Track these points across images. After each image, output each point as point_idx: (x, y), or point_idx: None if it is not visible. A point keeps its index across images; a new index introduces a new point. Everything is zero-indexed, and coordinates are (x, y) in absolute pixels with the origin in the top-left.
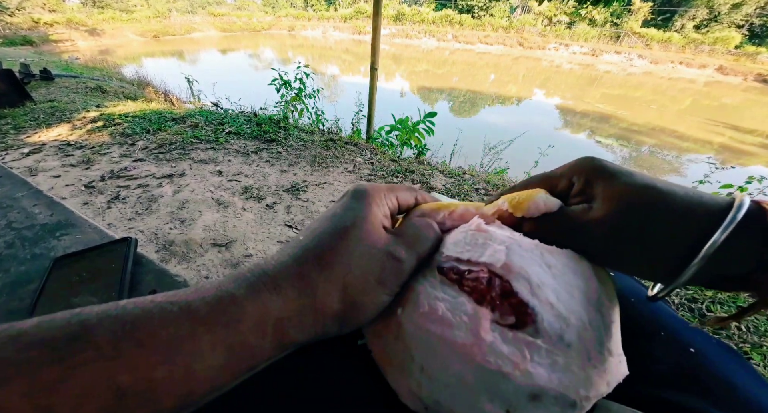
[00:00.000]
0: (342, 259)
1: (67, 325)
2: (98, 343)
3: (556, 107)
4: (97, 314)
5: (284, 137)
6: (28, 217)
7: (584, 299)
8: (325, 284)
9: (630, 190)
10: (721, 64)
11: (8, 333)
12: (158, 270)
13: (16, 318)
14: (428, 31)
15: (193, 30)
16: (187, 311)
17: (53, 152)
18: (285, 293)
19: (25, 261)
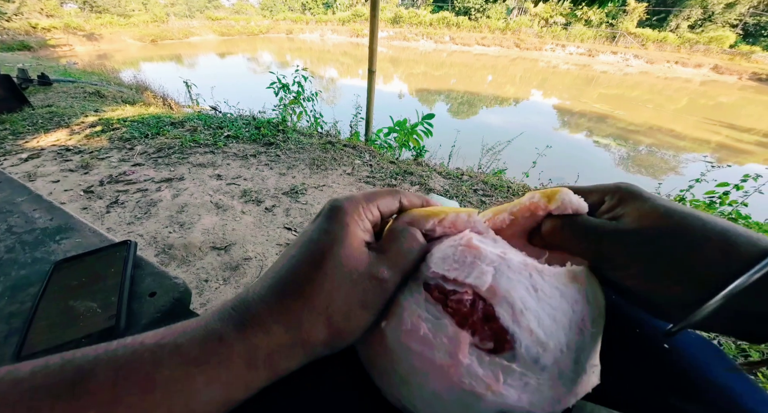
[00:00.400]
0: (322, 289)
1: (62, 371)
2: (96, 390)
3: (553, 108)
4: (89, 361)
5: (283, 140)
6: (28, 221)
7: (567, 323)
8: (309, 317)
9: (663, 212)
10: (716, 64)
11: (8, 379)
12: (158, 273)
13: (16, 321)
14: (426, 33)
15: (191, 34)
16: (177, 353)
17: (52, 157)
18: (272, 331)
19: (25, 265)
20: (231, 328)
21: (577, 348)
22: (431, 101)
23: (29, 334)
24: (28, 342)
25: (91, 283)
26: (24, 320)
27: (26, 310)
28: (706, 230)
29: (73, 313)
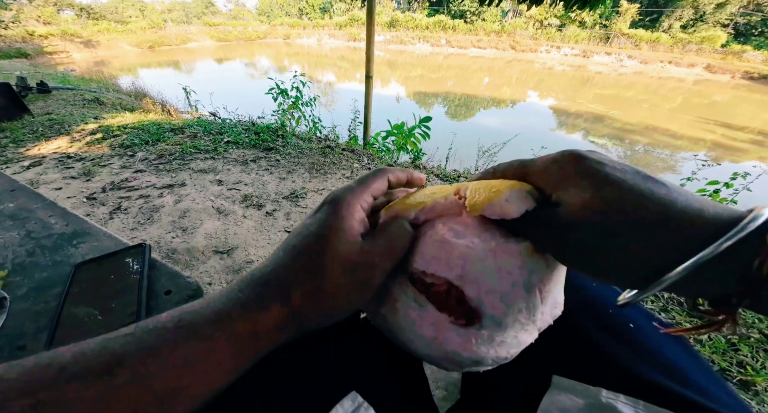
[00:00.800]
0: (316, 272)
1: (98, 357)
2: (131, 367)
3: (549, 109)
4: (121, 344)
5: (282, 145)
6: (45, 227)
7: (522, 289)
8: (304, 297)
9: (610, 196)
10: (709, 63)
11: (53, 366)
12: (171, 273)
13: (42, 319)
14: (422, 36)
15: (188, 40)
16: (195, 332)
17: (53, 165)
18: (271, 308)
19: (46, 268)
20: (238, 307)
21: (530, 305)
22: (428, 104)
23: (57, 331)
24: (57, 338)
25: (111, 283)
26: (50, 318)
27: (51, 309)
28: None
29: (95, 311)
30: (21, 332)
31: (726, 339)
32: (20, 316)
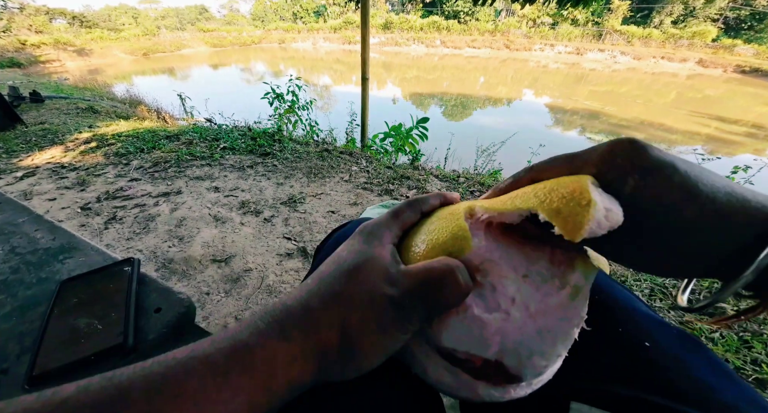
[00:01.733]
0: (343, 301)
1: (103, 389)
2: (135, 401)
3: (545, 106)
4: (128, 376)
5: (279, 150)
6: (31, 242)
7: (566, 339)
8: (328, 321)
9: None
10: (701, 58)
11: (56, 399)
12: (162, 289)
13: (27, 340)
14: (417, 37)
15: (183, 46)
16: (206, 363)
17: (47, 175)
18: (292, 337)
19: (31, 285)
20: (255, 337)
21: (572, 340)
22: (425, 105)
23: (40, 353)
24: (39, 361)
25: (98, 301)
26: (34, 339)
27: (35, 329)
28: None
29: (81, 331)
30: (4, 354)
31: (738, 337)
32: (3, 337)
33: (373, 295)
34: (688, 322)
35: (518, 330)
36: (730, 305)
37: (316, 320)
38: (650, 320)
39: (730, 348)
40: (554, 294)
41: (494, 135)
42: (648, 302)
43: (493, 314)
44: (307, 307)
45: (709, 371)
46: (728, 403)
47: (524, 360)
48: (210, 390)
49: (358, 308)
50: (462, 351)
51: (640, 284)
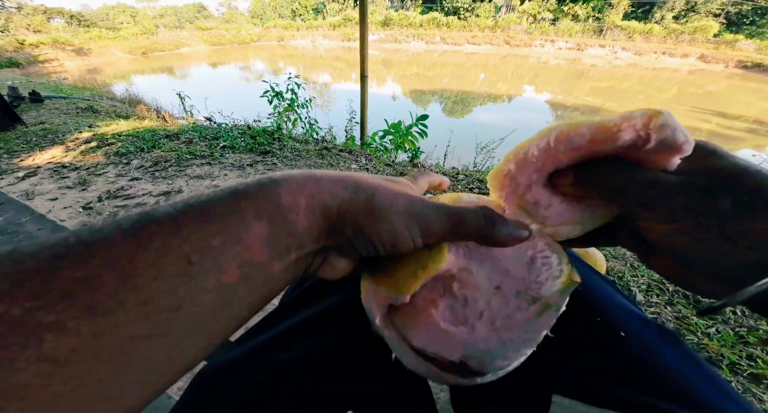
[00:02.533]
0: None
1: (130, 215)
2: (159, 221)
3: (546, 103)
4: (154, 205)
5: (279, 148)
6: None
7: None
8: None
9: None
10: (702, 53)
11: (81, 227)
12: None
13: None
14: (416, 34)
15: (181, 45)
16: (231, 190)
17: (48, 175)
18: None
19: None
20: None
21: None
22: (425, 102)
23: None
24: None
25: None
26: None
27: None
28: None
29: None
30: None
31: (734, 332)
32: None
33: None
34: (685, 317)
35: (482, 341)
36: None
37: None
38: (627, 312)
39: (726, 343)
40: (523, 310)
41: (494, 132)
42: (645, 297)
43: (459, 327)
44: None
45: (684, 364)
46: (704, 397)
47: (487, 364)
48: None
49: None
50: (431, 351)
51: (637, 280)
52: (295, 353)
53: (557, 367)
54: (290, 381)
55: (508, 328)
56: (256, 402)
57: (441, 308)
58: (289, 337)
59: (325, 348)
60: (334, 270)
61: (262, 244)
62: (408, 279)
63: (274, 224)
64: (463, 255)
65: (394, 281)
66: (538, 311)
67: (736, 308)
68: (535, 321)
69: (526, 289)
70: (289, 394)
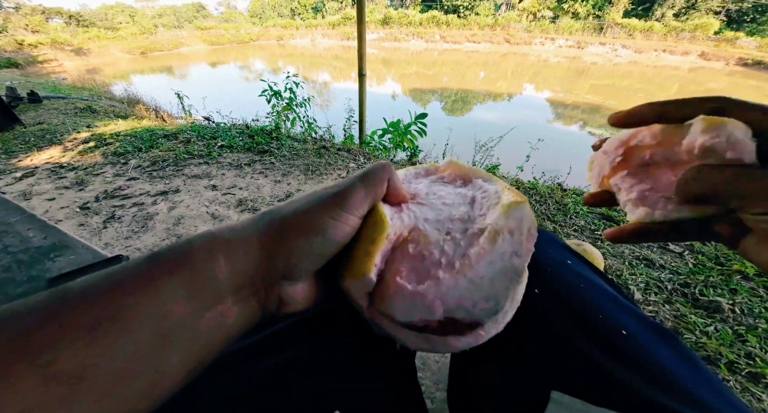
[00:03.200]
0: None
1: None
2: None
3: (546, 101)
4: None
5: (277, 148)
6: (23, 241)
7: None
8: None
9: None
10: (703, 50)
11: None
12: None
13: None
14: (416, 33)
15: (181, 45)
16: (147, 255)
17: (46, 175)
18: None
19: (22, 283)
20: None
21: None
22: (424, 100)
23: None
24: None
25: None
26: None
27: None
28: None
29: None
30: None
31: (733, 330)
32: None
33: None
34: (683, 316)
35: (452, 288)
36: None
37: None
38: (627, 311)
39: (725, 341)
40: (475, 244)
41: (493, 130)
42: (643, 296)
43: (426, 283)
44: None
45: (681, 364)
46: (699, 397)
47: (472, 309)
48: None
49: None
50: (417, 320)
51: (636, 278)
52: (280, 358)
53: (556, 363)
54: (275, 386)
55: (469, 266)
56: (238, 410)
57: (405, 272)
58: (273, 342)
59: (313, 352)
60: (296, 300)
61: (179, 299)
62: (364, 259)
63: (192, 277)
64: (407, 218)
65: (354, 268)
66: (489, 239)
67: (734, 307)
68: (493, 250)
69: (473, 224)
70: (274, 399)
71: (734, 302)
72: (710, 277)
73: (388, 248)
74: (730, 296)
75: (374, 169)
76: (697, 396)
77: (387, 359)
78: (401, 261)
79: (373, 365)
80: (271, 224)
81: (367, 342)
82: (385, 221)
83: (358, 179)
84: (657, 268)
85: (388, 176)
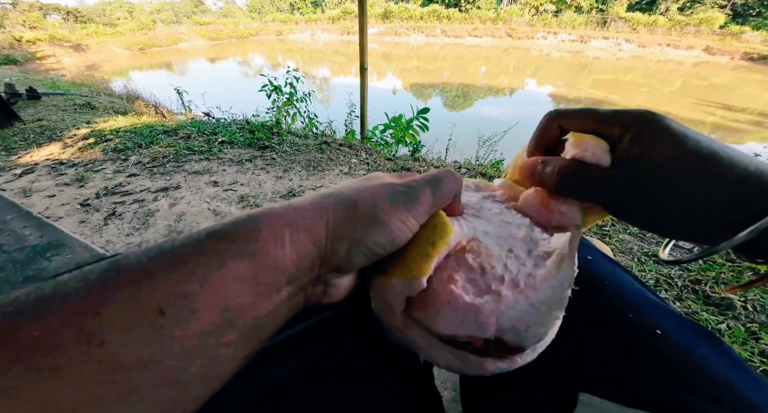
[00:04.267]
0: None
1: (99, 265)
2: (129, 270)
3: (548, 96)
4: (125, 253)
5: (278, 143)
6: (18, 239)
7: (562, 305)
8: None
9: (689, 157)
10: (707, 45)
11: (46, 282)
12: None
13: None
14: (417, 27)
15: (179, 40)
16: (206, 232)
17: (46, 172)
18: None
19: (17, 284)
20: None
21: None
22: (426, 95)
23: None
24: None
25: None
26: None
27: None
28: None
29: None
30: None
31: (746, 328)
32: None
33: (386, 183)
34: (694, 313)
35: (512, 307)
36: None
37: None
38: (661, 309)
39: (737, 339)
40: (541, 266)
41: (496, 125)
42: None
43: (485, 297)
44: (321, 193)
45: (725, 365)
46: (747, 399)
47: (523, 333)
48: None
49: (379, 189)
50: (462, 335)
51: (645, 274)
52: (294, 365)
53: (585, 364)
54: (291, 393)
55: (533, 287)
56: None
57: (460, 282)
58: (287, 348)
59: (326, 357)
60: (338, 291)
61: (245, 285)
62: (420, 260)
63: (255, 261)
64: (467, 227)
65: (406, 268)
66: (556, 263)
67: (746, 304)
68: (557, 276)
69: (537, 246)
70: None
71: (746, 299)
72: (721, 273)
73: (445, 253)
74: (742, 293)
75: (445, 178)
76: (745, 397)
77: (406, 366)
78: (456, 270)
79: (392, 372)
80: (336, 210)
81: (386, 348)
82: (448, 225)
83: (429, 183)
84: (666, 264)
85: (458, 190)
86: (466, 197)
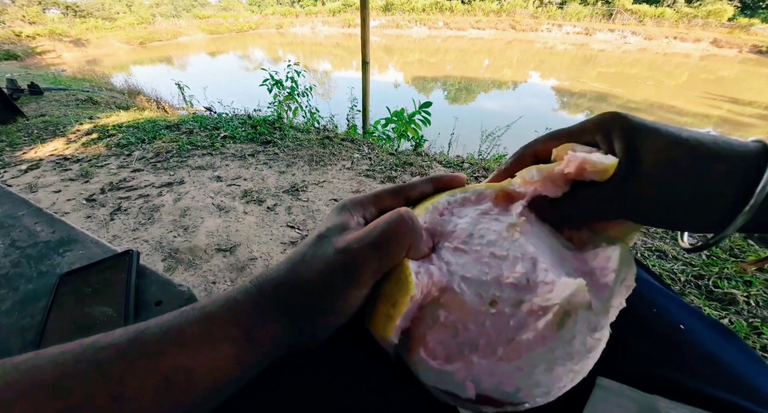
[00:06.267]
0: (307, 262)
1: (126, 333)
2: (148, 343)
3: (552, 89)
4: (146, 324)
5: (280, 138)
6: (31, 235)
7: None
8: (296, 280)
9: (661, 149)
10: (715, 37)
11: (87, 344)
12: (162, 281)
13: (29, 334)
14: (419, 19)
15: (179, 34)
16: (203, 313)
17: (51, 167)
18: (267, 295)
19: (32, 279)
20: (242, 294)
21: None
22: (428, 89)
23: (41, 347)
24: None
25: (97, 294)
26: (35, 333)
27: (37, 323)
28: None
29: (81, 325)
30: (6, 348)
31: (748, 323)
32: (5, 331)
33: (327, 252)
34: (697, 308)
35: (488, 375)
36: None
37: (287, 280)
38: (681, 305)
39: (740, 334)
40: (530, 328)
41: (499, 119)
42: None
43: (456, 364)
44: (281, 271)
45: (745, 359)
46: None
47: (514, 395)
48: (205, 335)
49: (317, 266)
50: (441, 388)
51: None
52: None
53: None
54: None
55: (517, 354)
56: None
57: (430, 344)
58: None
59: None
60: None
61: (234, 363)
62: (383, 322)
63: (238, 343)
64: (439, 273)
65: (376, 325)
66: (553, 323)
67: (749, 299)
68: (557, 337)
69: (530, 296)
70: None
71: (749, 294)
72: (724, 269)
73: (413, 308)
74: (745, 288)
75: (391, 234)
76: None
77: None
78: (430, 327)
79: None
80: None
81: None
82: (409, 281)
83: (372, 246)
84: (670, 259)
85: (414, 239)
86: (457, 217)
